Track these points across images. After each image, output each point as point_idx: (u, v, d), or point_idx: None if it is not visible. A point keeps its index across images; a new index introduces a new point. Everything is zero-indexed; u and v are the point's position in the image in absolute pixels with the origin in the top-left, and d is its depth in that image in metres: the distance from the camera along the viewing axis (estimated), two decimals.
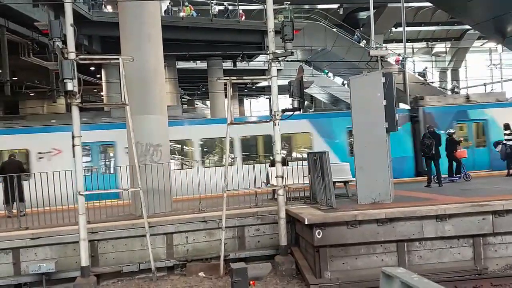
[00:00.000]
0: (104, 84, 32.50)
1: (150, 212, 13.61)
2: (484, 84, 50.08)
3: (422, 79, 40.21)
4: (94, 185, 15.51)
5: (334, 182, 13.80)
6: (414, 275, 4.36)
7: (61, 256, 12.74)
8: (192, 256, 13.30)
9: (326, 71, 45.09)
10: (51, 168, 15.29)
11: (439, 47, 61.34)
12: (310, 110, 51.75)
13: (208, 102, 51.78)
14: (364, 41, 38.13)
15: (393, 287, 4.46)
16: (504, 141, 18.41)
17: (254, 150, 22.51)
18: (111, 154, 21.55)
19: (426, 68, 43.01)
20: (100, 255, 13.04)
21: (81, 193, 12.03)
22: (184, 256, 13.33)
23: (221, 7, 34.83)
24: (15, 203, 14.68)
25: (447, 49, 60.68)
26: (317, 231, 11.33)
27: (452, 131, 18.50)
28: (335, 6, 45.69)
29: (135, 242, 13.17)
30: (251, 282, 10.98)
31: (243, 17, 34.78)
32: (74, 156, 12.39)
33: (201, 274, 12.71)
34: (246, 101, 65.04)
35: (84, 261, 11.94)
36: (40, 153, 20.15)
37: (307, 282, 11.41)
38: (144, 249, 12.86)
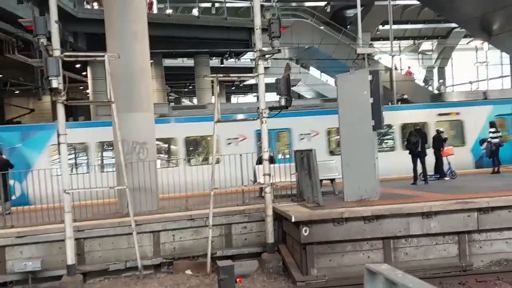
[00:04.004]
0: (89, 81, 32.32)
1: (137, 210, 13.56)
2: (470, 83, 50.48)
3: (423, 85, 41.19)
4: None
5: (321, 180, 13.83)
6: (398, 272, 4.38)
7: (47, 254, 12.66)
8: (179, 254, 13.28)
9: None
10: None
11: (426, 45, 61.64)
12: None
13: (195, 100, 51.74)
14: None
15: (377, 283, 4.48)
16: (489, 139, 18.56)
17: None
18: (287, 140, 22.21)
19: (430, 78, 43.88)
20: (86, 253, 12.97)
21: (66, 191, 11.98)
22: (171, 254, 13.30)
23: (208, 4, 34.79)
24: (7, 202, 14.65)
25: (434, 47, 60.99)
26: (303, 229, 11.35)
27: (440, 129, 18.61)
28: (323, 4, 45.76)
29: (121, 240, 13.12)
30: (238, 280, 11.00)
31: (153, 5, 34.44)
32: (59, 154, 12.30)
33: (188, 272, 12.70)
34: (233, 99, 65.07)
35: (70, 259, 11.89)
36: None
37: (294, 279, 11.44)
38: (131, 247, 12.80)
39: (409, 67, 48.29)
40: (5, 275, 12.37)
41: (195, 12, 36.47)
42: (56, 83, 11.31)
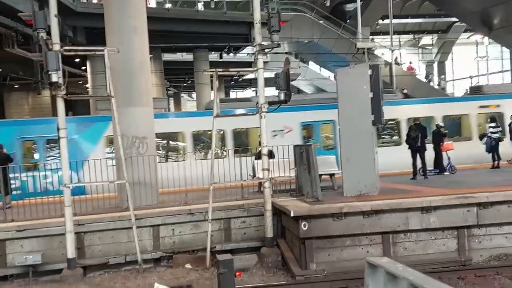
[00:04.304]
0: (89, 76, 32.28)
1: (137, 205, 13.57)
2: (470, 77, 50.38)
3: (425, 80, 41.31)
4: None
5: (320, 175, 13.84)
6: (399, 265, 4.39)
7: (47, 248, 12.70)
8: (179, 248, 13.31)
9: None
10: None
11: (426, 39, 61.51)
12: None
13: (194, 95, 51.70)
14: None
15: (378, 276, 4.49)
16: (489, 134, 18.56)
17: None
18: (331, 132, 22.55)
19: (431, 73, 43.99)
20: (86, 247, 13.01)
21: (66, 185, 11.99)
22: (171, 248, 13.34)
23: None
24: (7, 196, 14.70)
25: (434, 41, 60.87)
26: (303, 223, 11.37)
27: (441, 124, 18.63)
28: None
29: (121, 234, 13.15)
30: (237, 274, 11.02)
31: None
32: (59, 148, 12.31)
33: (188, 265, 12.73)
34: (232, 94, 65.01)
35: (71, 253, 11.94)
36: None
37: (293, 273, 11.47)
38: (131, 241, 12.83)
39: (410, 62, 48.28)
40: (6, 269, 12.42)
41: (199, 7, 36.33)
42: (56, 77, 11.31)
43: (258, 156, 14.77)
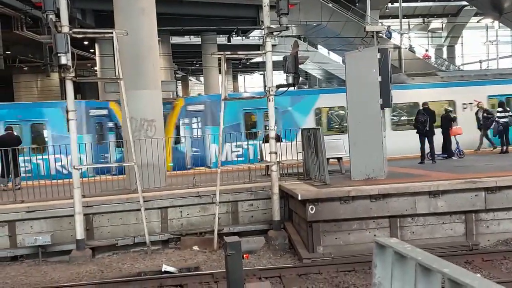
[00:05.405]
0: (97, 58, 32.31)
1: (145, 187, 13.64)
2: (480, 61, 50.02)
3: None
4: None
5: (328, 159, 13.84)
6: (407, 245, 4.39)
7: (56, 229, 12.83)
8: (187, 230, 13.40)
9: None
10: None
11: (436, 23, 61.00)
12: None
13: (202, 78, 51.64)
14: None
15: (386, 256, 4.50)
16: (497, 118, 18.49)
17: None
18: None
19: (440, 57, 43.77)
20: (95, 229, 13.13)
21: (75, 167, 12.07)
22: (179, 230, 13.43)
23: None
24: (17, 177, 14.82)
25: (444, 25, 60.37)
26: (310, 207, 11.40)
27: (449, 108, 18.57)
28: None
29: (130, 216, 13.25)
30: (244, 256, 11.08)
31: None
32: (69, 131, 12.38)
33: (195, 247, 12.82)
34: (240, 77, 64.85)
35: (80, 234, 12.06)
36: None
37: (300, 256, 11.53)
38: (139, 223, 12.93)
39: (426, 50, 47.98)
40: (16, 249, 12.56)
41: None
42: (65, 59, 11.34)
43: (266, 139, 14.78)
